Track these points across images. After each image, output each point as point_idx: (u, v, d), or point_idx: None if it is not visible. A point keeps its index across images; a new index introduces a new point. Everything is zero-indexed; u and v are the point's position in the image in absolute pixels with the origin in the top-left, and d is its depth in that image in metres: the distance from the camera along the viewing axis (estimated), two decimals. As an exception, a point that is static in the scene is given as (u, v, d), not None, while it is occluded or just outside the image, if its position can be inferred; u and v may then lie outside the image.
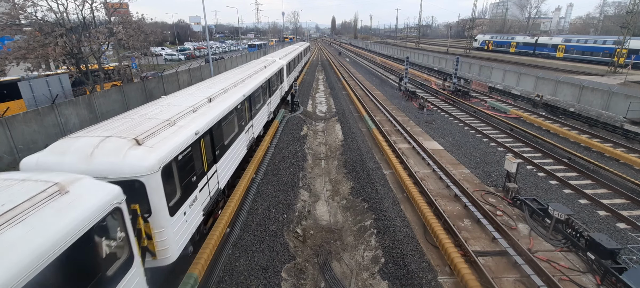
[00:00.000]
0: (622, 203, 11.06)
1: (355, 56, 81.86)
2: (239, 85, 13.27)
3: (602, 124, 19.07)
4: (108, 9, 21.05)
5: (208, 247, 7.84)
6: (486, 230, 9.37)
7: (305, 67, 51.05)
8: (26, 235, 3.27)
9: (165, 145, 6.33)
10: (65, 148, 5.73)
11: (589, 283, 7.57)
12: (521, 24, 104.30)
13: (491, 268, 8.03)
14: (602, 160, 14.46)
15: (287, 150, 16.07)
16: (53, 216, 3.61)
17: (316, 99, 31.53)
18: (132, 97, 19.84)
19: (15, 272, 2.95)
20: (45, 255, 3.26)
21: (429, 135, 18.22)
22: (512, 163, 11.13)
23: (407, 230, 9.63)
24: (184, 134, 7.07)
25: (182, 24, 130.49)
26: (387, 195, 11.64)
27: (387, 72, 48.92)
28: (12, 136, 12.34)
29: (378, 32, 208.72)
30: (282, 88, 23.70)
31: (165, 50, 70.51)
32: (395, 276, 8.13)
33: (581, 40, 52.91)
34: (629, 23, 39.33)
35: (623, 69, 39.74)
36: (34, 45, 16.71)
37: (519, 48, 65.63)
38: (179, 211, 6.53)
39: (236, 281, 7.75)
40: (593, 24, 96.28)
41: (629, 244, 8.86)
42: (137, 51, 23.11)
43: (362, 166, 14.26)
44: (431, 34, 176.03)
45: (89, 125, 7.47)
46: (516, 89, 27.88)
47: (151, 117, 7.39)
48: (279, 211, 10.82)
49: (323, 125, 22.86)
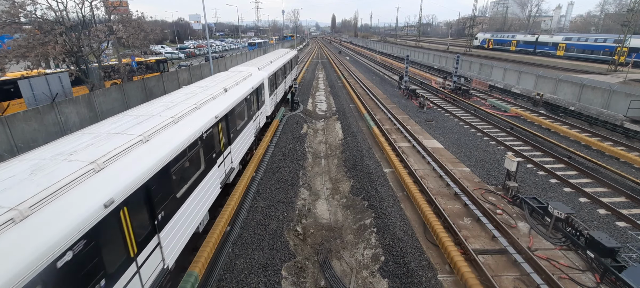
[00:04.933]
0: (622, 202, 11.07)
1: (356, 54, 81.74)
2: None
3: (603, 122, 19.06)
4: (108, 7, 21.03)
5: (208, 246, 7.86)
6: (486, 228, 9.38)
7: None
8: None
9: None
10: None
11: (588, 282, 7.59)
12: (522, 22, 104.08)
13: (491, 267, 8.04)
14: (602, 159, 14.46)
15: (287, 148, 16.07)
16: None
17: (316, 98, 31.50)
18: (132, 96, 19.85)
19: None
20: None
21: (429, 133, 18.22)
22: (512, 161, 11.14)
23: (407, 229, 9.65)
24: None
25: (181, 22, 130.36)
26: (387, 194, 11.65)
27: (387, 70, 48.86)
28: (13, 134, 12.34)
29: (378, 31, 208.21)
30: (258, 118, 15.36)
31: (165, 48, 70.37)
32: (395, 274, 8.15)
33: (582, 39, 52.78)
34: (629, 21, 39.24)
35: (623, 67, 39.68)
36: (34, 44, 16.68)
37: (519, 46, 65.50)
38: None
39: (236, 279, 7.77)
40: (594, 22, 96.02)
41: (629, 243, 8.87)
42: (137, 49, 23.08)
43: (362, 164, 14.26)
44: (431, 32, 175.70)
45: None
46: (516, 88, 27.85)
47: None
48: (279, 209, 10.83)
49: (323, 123, 22.85)
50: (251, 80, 14.49)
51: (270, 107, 18.11)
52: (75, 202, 4.15)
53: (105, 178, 4.74)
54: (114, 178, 4.84)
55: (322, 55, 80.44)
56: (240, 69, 17.25)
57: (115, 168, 5.03)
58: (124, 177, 4.96)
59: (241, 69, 17.15)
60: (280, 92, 22.65)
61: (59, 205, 3.97)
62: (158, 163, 5.77)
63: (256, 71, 16.86)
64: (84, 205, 4.17)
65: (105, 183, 4.65)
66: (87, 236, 4.07)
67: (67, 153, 5.10)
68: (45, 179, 4.26)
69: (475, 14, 78.49)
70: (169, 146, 6.32)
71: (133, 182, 5.04)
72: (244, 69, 17.32)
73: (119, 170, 5.03)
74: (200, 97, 9.69)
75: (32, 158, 4.98)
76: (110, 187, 4.65)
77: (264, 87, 16.63)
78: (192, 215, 7.39)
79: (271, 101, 18.55)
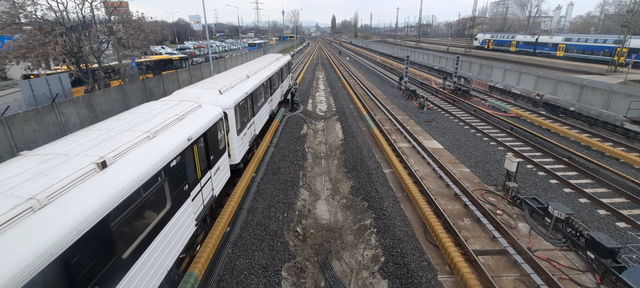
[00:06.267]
0: (622, 202, 11.06)
1: (356, 55, 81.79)
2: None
3: (602, 123, 19.05)
4: (108, 8, 21.04)
5: (208, 246, 7.86)
6: (486, 229, 9.37)
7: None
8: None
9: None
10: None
11: (588, 282, 7.58)
12: (522, 23, 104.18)
13: (491, 267, 8.03)
14: (602, 159, 14.46)
15: (287, 149, 16.07)
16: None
17: (316, 98, 31.51)
18: (133, 96, 19.86)
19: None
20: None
21: (429, 134, 18.22)
22: (512, 162, 11.13)
23: (407, 229, 9.64)
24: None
25: (182, 23, 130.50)
26: (387, 194, 11.64)
27: (387, 71, 48.87)
28: (13, 135, 12.34)
29: (378, 31, 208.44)
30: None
31: (165, 49, 70.41)
32: (395, 275, 8.14)
33: (582, 39, 52.81)
34: (629, 22, 39.27)
35: (623, 68, 39.70)
36: (34, 44, 16.69)
37: (519, 47, 65.54)
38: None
39: (236, 280, 7.76)
40: (594, 23, 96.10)
41: (629, 243, 8.86)
42: (137, 50, 23.10)
43: (362, 165, 14.26)
44: (431, 33, 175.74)
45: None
46: (516, 88, 27.85)
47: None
48: (279, 210, 10.83)
49: (323, 124, 22.85)
50: (192, 121, 8.02)
51: (239, 152, 11.64)
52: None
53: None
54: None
55: (322, 55, 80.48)
56: (186, 95, 10.80)
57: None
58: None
59: (188, 95, 10.83)
60: (260, 120, 15.72)
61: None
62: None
63: (213, 97, 10.76)
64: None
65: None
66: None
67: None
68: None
69: (475, 15, 78.51)
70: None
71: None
72: (194, 92, 11.02)
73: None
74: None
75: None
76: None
77: (225, 123, 10.21)
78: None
79: (241, 143, 11.88)
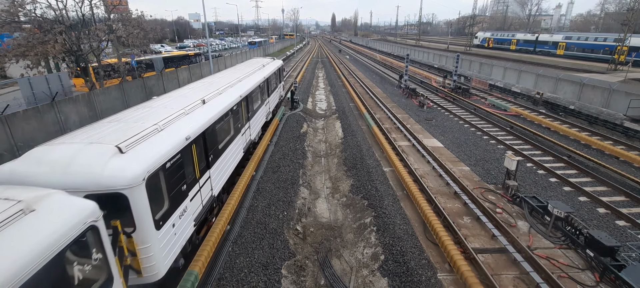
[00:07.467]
0: (622, 201, 11.08)
1: (355, 53, 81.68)
2: None
3: (602, 121, 19.06)
4: (107, 6, 21.00)
5: (208, 244, 7.87)
6: (486, 227, 9.39)
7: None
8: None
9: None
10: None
11: (588, 281, 7.60)
12: (522, 21, 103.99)
13: (490, 266, 8.05)
14: (602, 158, 14.47)
15: (287, 147, 16.07)
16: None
17: (316, 97, 31.49)
18: (132, 95, 19.82)
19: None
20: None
21: (429, 132, 18.22)
22: (512, 160, 11.14)
23: (406, 228, 9.66)
24: None
25: (181, 21, 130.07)
26: (387, 193, 11.65)
27: (387, 69, 48.82)
28: (12, 134, 12.33)
29: (378, 30, 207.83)
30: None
31: (165, 47, 70.33)
32: (395, 273, 8.16)
33: (582, 38, 52.77)
34: (629, 20, 39.21)
35: (623, 66, 39.67)
36: (34, 43, 16.67)
37: (519, 45, 65.48)
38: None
39: (236, 278, 7.78)
40: (594, 22, 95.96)
41: (628, 241, 8.88)
42: (137, 48, 23.07)
43: (362, 163, 14.27)
44: (431, 31, 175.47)
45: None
46: (516, 87, 27.83)
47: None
48: (279, 208, 10.84)
49: (323, 122, 22.85)
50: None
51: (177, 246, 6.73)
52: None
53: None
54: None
55: (322, 54, 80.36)
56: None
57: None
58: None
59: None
60: (232, 156, 10.72)
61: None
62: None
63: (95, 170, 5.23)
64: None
65: None
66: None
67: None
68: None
69: (475, 13, 78.51)
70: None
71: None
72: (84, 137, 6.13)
73: None
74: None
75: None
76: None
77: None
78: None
79: (182, 225, 6.82)
